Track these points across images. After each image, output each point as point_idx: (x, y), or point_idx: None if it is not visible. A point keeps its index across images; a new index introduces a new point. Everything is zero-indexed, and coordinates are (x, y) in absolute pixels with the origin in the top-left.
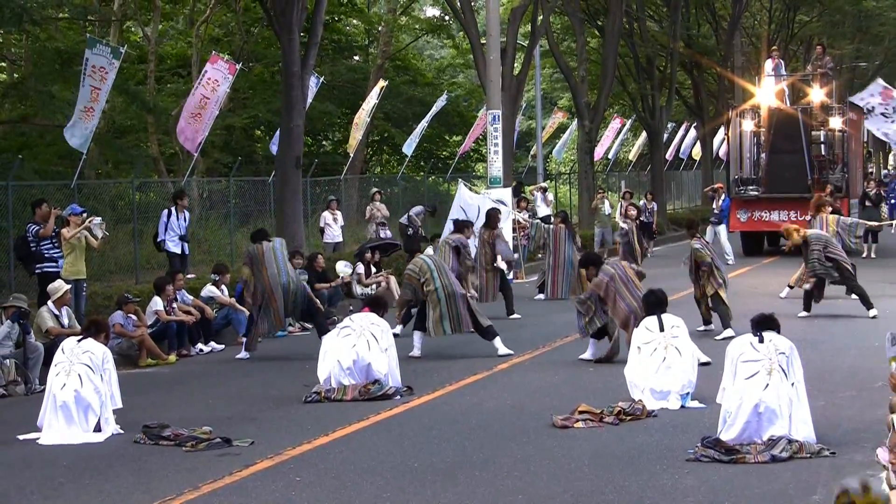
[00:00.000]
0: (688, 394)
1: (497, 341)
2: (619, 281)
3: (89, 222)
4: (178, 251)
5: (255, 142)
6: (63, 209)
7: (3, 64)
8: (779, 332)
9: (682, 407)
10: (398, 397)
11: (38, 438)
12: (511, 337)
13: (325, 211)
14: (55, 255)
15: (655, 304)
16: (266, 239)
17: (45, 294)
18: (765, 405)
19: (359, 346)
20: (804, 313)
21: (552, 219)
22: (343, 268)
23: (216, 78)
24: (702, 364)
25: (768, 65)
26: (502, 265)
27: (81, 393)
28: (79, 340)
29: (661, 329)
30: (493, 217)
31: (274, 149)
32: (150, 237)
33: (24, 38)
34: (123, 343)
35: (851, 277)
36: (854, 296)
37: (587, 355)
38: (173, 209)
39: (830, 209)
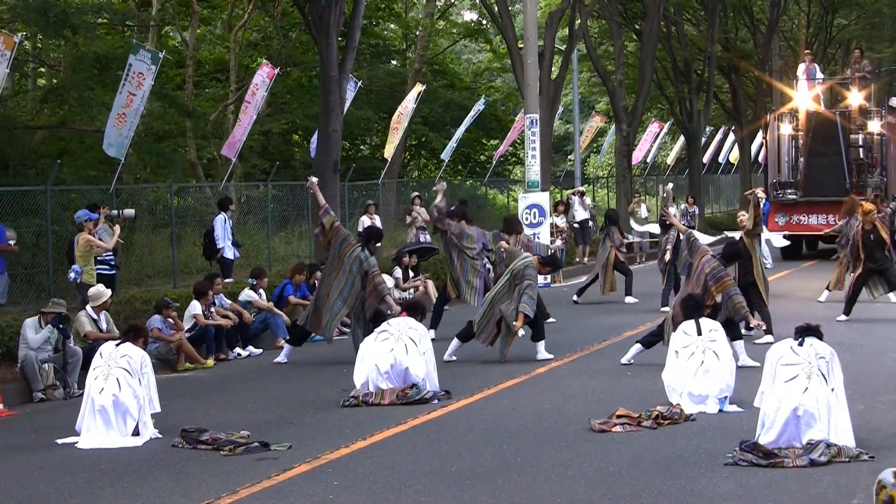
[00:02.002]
0: (725, 398)
1: (540, 346)
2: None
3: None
4: (231, 256)
5: (292, 146)
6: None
7: (43, 69)
8: (821, 339)
9: (720, 411)
10: (436, 401)
11: (76, 442)
12: (548, 341)
13: (364, 215)
14: (107, 258)
15: (694, 308)
16: (360, 244)
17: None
18: (804, 409)
19: (397, 351)
20: (843, 317)
21: (590, 223)
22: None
23: (255, 83)
24: (746, 367)
25: (801, 68)
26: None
27: (120, 397)
28: (117, 345)
29: (699, 333)
30: (511, 222)
31: (314, 152)
32: (188, 242)
33: (63, 44)
34: (161, 347)
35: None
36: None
37: (626, 359)
38: (226, 215)
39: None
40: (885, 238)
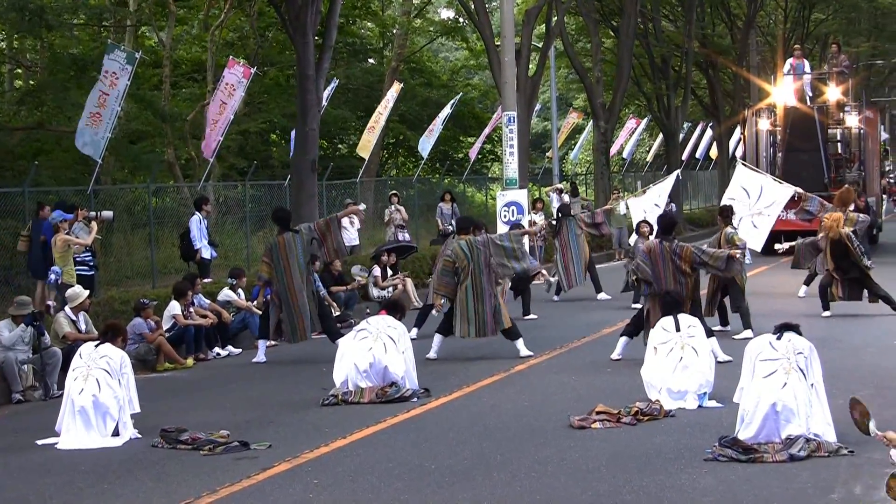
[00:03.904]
0: (705, 393)
1: (519, 343)
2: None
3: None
4: (209, 256)
5: (270, 146)
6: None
7: (20, 70)
8: (800, 335)
9: (700, 407)
10: (415, 399)
11: (56, 443)
12: (528, 338)
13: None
14: (86, 258)
15: (672, 304)
16: (287, 227)
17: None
18: (782, 404)
19: (375, 349)
20: (827, 313)
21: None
22: (359, 272)
23: (231, 82)
24: (722, 362)
25: (788, 63)
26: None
27: (99, 398)
28: (96, 345)
29: (678, 329)
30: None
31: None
32: (166, 242)
33: (39, 46)
34: (141, 348)
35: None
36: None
37: (616, 355)
38: (201, 215)
39: (853, 207)
40: (852, 252)
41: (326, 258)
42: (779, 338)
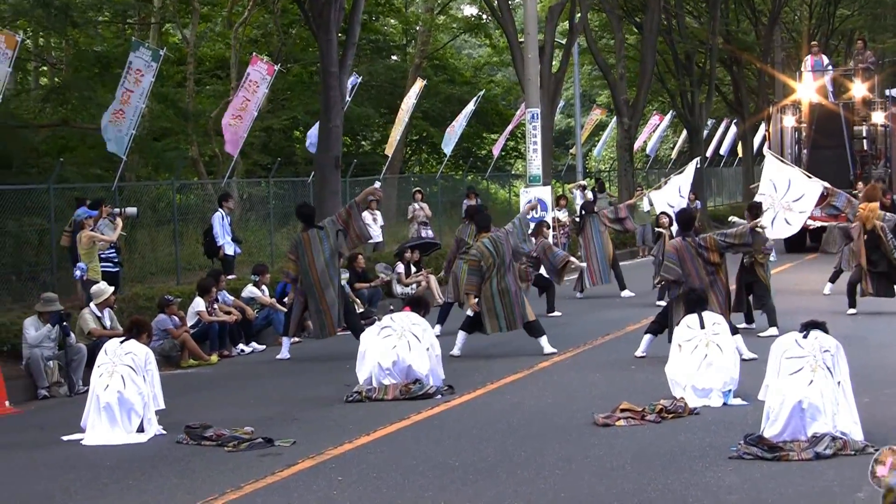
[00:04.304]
0: (730, 391)
1: (543, 340)
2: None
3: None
4: (232, 253)
5: (293, 142)
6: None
7: (45, 68)
8: (826, 332)
9: (725, 404)
10: (439, 396)
11: (81, 439)
12: (552, 335)
13: (365, 210)
14: (111, 255)
15: (696, 301)
16: (312, 223)
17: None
18: (808, 402)
19: (399, 348)
20: (852, 311)
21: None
22: (382, 269)
23: (255, 79)
24: (747, 360)
25: (808, 61)
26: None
27: (124, 394)
28: (122, 342)
29: (702, 326)
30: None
31: (311, 148)
32: (190, 239)
33: (64, 43)
34: (165, 344)
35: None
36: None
37: (640, 352)
38: (223, 212)
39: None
40: (884, 245)
41: (350, 245)
42: (805, 336)
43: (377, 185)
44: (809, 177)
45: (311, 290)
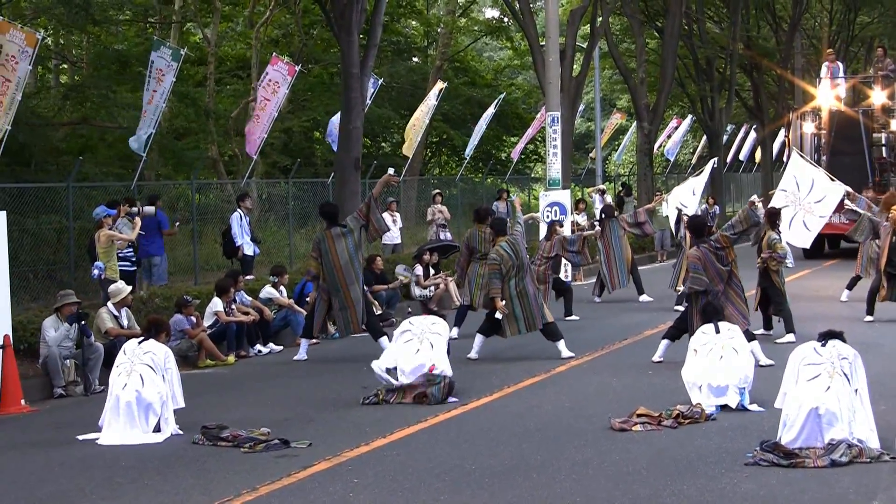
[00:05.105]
0: (744, 389)
1: (561, 344)
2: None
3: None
4: (251, 253)
5: (313, 143)
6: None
7: (65, 66)
8: (843, 342)
9: (742, 406)
10: (454, 400)
11: (97, 438)
12: (569, 339)
13: (385, 212)
14: (128, 254)
15: (712, 312)
16: (335, 222)
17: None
18: (825, 408)
19: (422, 351)
20: (869, 318)
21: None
22: (402, 271)
23: (276, 80)
24: (764, 366)
25: (824, 68)
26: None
27: (143, 394)
28: (140, 342)
29: (718, 332)
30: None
31: (330, 140)
32: (209, 239)
33: (84, 41)
34: (182, 344)
35: None
36: None
37: (657, 357)
38: (241, 212)
39: None
40: None
41: (369, 238)
42: (823, 345)
43: (391, 171)
44: (833, 179)
45: (336, 287)
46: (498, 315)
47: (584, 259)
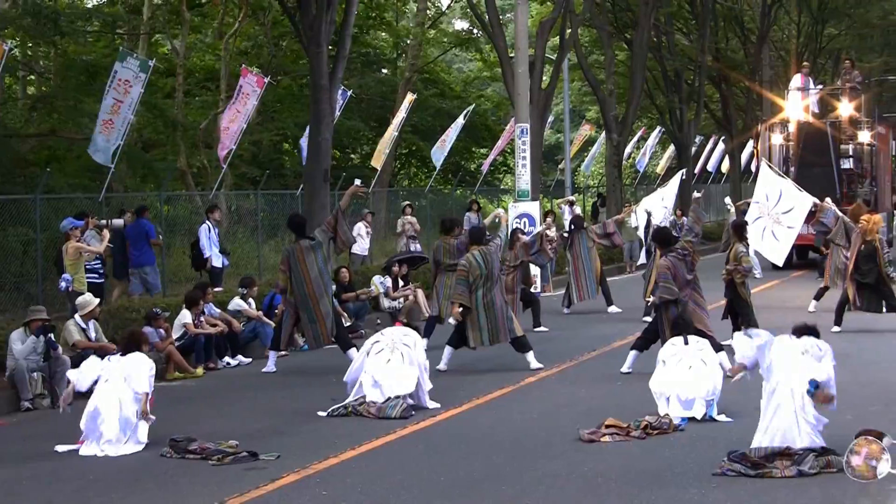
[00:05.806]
0: (713, 401)
1: (530, 355)
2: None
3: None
4: (220, 265)
5: (282, 155)
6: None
7: (32, 77)
8: (818, 338)
9: (709, 416)
10: (410, 415)
11: (75, 450)
12: (538, 350)
13: (360, 222)
14: (96, 266)
15: (683, 326)
16: (303, 234)
17: None
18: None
19: (393, 361)
20: (836, 328)
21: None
22: (380, 282)
23: (247, 91)
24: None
25: (796, 80)
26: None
27: (123, 407)
28: (122, 355)
29: (686, 344)
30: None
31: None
32: (177, 251)
33: (52, 52)
34: (151, 356)
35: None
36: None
37: (626, 368)
38: (210, 224)
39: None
40: (880, 257)
41: (336, 251)
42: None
43: (357, 182)
44: (801, 190)
45: (305, 300)
46: (451, 321)
47: (545, 257)
